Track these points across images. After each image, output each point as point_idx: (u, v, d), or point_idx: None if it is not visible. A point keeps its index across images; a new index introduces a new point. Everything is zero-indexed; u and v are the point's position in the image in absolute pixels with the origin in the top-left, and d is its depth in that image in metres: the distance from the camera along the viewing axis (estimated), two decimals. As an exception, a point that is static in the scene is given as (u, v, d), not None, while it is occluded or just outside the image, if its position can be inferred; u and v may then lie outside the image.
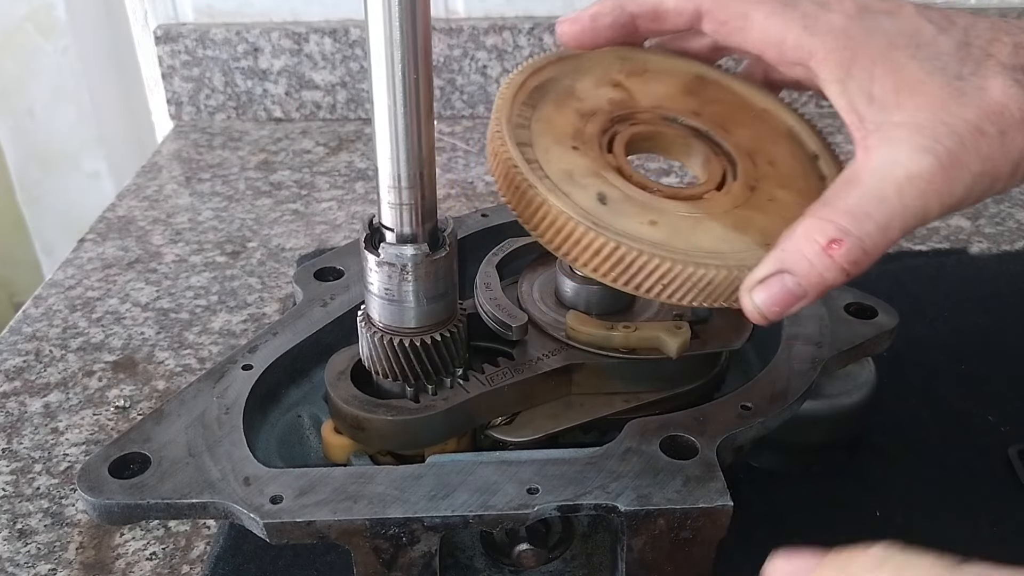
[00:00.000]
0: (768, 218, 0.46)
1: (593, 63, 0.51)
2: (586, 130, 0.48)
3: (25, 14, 1.12)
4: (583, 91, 0.50)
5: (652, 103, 0.50)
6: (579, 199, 0.44)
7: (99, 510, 0.44)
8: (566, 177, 0.45)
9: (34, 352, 0.74)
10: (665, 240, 0.44)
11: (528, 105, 0.48)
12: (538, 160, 0.46)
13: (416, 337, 0.48)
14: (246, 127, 1.15)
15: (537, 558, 0.48)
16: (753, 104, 0.52)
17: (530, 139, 0.47)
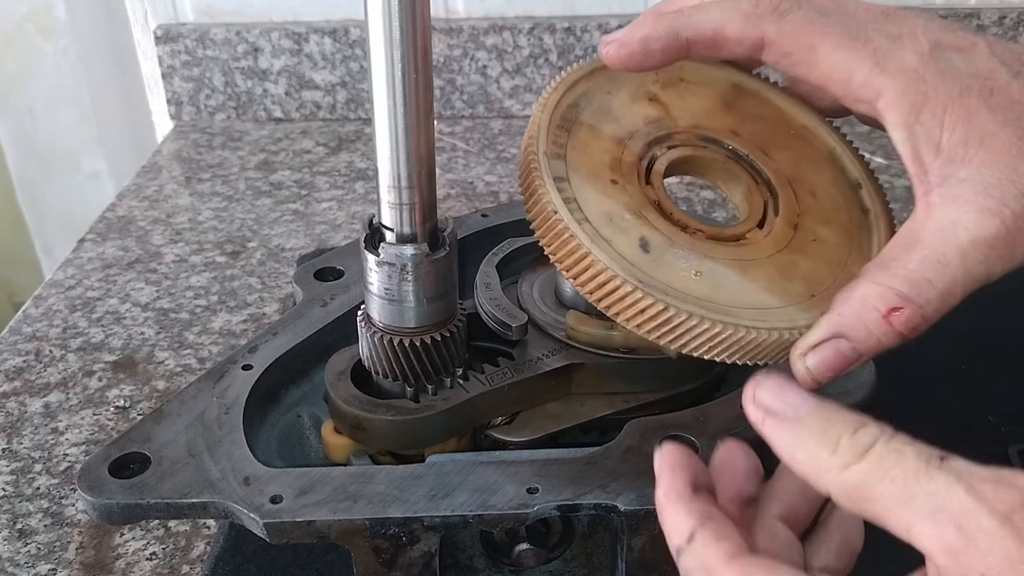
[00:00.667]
0: (812, 263, 0.44)
1: (629, 73, 0.48)
2: (624, 158, 0.46)
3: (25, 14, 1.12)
4: (619, 108, 0.47)
5: (690, 121, 0.48)
6: (621, 246, 0.42)
7: (99, 510, 0.44)
8: (606, 220, 0.43)
9: (34, 352, 0.74)
10: (710, 295, 0.42)
11: (563, 129, 0.46)
12: (576, 199, 0.43)
13: (416, 337, 0.48)
14: (246, 127, 1.15)
15: (537, 558, 0.48)
16: (793, 120, 0.49)
17: (566, 171, 0.44)
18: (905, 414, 0.64)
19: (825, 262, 0.44)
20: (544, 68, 1.12)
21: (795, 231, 0.46)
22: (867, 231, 0.47)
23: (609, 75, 0.48)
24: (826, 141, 0.49)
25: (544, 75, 1.12)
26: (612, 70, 0.46)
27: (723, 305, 0.42)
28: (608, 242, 0.42)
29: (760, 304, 0.42)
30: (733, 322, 0.41)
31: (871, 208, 0.47)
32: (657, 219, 0.44)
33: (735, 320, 0.41)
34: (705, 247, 0.44)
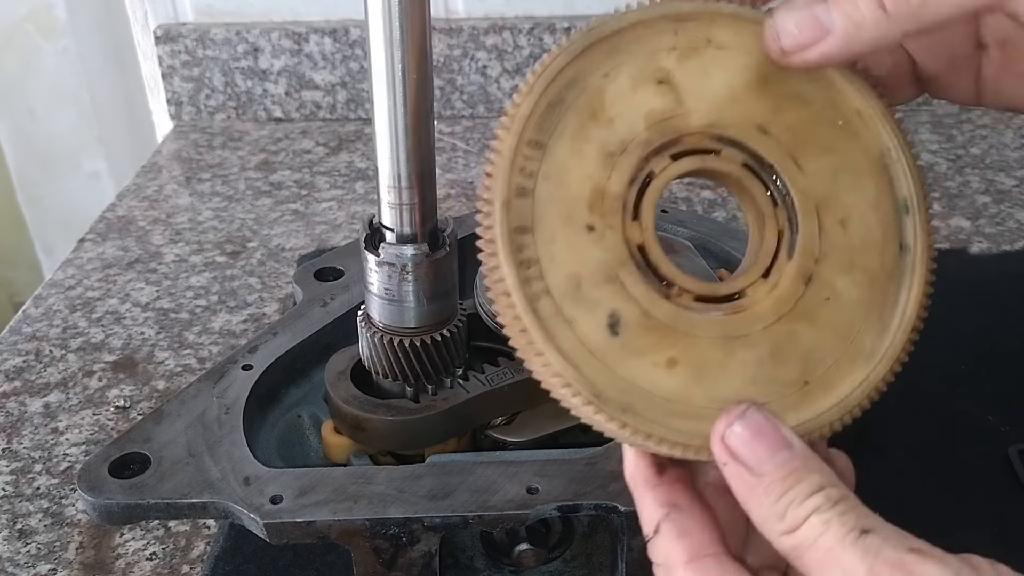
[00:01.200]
0: (817, 333, 0.37)
1: (637, 36, 0.38)
2: (609, 187, 0.37)
3: (25, 14, 1.12)
4: (615, 101, 0.38)
5: (707, 111, 0.38)
6: (585, 329, 0.36)
7: (99, 510, 0.44)
8: (573, 288, 0.36)
9: (34, 352, 0.74)
10: (681, 393, 0.36)
11: (536, 145, 0.37)
12: (539, 258, 0.36)
13: (416, 337, 0.48)
14: (246, 127, 1.15)
15: (537, 558, 0.48)
16: (845, 104, 0.39)
17: (532, 217, 0.36)
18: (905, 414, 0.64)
19: (833, 330, 0.37)
20: (544, 68, 1.12)
21: (807, 286, 0.38)
22: (898, 281, 0.38)
23: (610, 48, 0.38)
24: (880, 137, 0.39)
25: (544, 75, 1.12)
26: (615, 36, 0.38)
27: (697, 407, 0.36)
28: (570, 325, 0.36)
29: (740, 399, 0.36)
30: (698, 444, 0.35)
31: (912, 246, 0.38)
32: (635, 281, 0.37)
33: (701, 440, 0.35)
34: (688, 320, 0.37)
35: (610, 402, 0.35)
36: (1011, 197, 0.94)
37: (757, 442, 0.34)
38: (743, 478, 0.34)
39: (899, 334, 0.38)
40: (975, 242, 0.86)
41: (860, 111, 0.39)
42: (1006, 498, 0.58)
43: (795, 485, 0.33)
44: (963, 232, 0.88)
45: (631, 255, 0.37)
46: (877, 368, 0.37)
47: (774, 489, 0.33)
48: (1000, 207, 0.92)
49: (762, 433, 0.34)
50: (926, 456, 0.61)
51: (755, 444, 0.34)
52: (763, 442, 0.34)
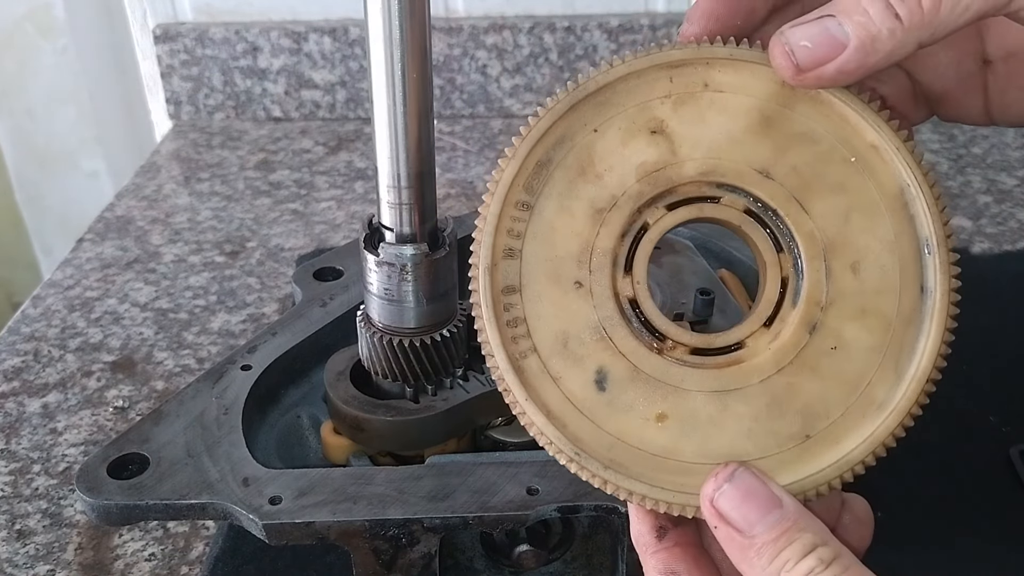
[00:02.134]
0: (820, 385, 0.35)
1: (628, 89, 0.37)
2: (597, 243, 0.36)
3: (24, 14, 1.12)
4: (605, 156, 0.37)
5: (701, 161, 0.37)
6: (572, 384, 0.36)
7: (98, 511, 0.44)
8: (560, 345, 0.36)
9: (33, 352, 0.74)
10: (671, 450, 0.35)
11: (524, 206, 0.36)
12: (526, 317, 0.36)
13: (416, 337, 0.48)
14: (245, 126, 1.14)
15: (537, 559, 0.48)
16: (858, 138, 0.37)
17: (519, 278, 0.36)
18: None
19: (839, 381, 0.36)
20: (544, 67, 1.12)
21: (811, 335, 0.36)
22: (916, 326, 0.36)
23: (600, 102, 0.37)
24: (898, 172, 0.36)
25: (544, 74, 1.12)
26: (607, 89, 0.37)
27: (687, 464, 0.35)
28: (556, 381, 0.36)
29: (733, 454, 0.35)
30: (682, 502, 0.35)
31: (933, 288, 0.36)
32: (624, 336, 0.36)
33: (686, 497, 0.35)
34: (680, 374, 0.36)
35: (592, 460, 0.35)
36: (1012, 197, 0.94)
37: (747, 504, 0.33)
38: (735, 540, 0.33)
39: (914, 384, 0.36)
40: (976, 242, 0.86)
41: (875, 145, 0.36)
42: (1007, 498, 0.58)
43: (787, 546, 0.32)
44: (964, 232, 0.88)
45: (621, 310, 0.36)
46: (887, 421, 0.36)
47: (766, 551, 0.32)
48: (1001, 207, 0.92)
49: (752, 494, 0.34)
50: (926, 456, 0.61)
51: (745, 506, 0.33)
52: (753, 504, 0.33)
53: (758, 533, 0.33)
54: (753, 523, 0.33)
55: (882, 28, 0.34)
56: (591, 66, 0.38)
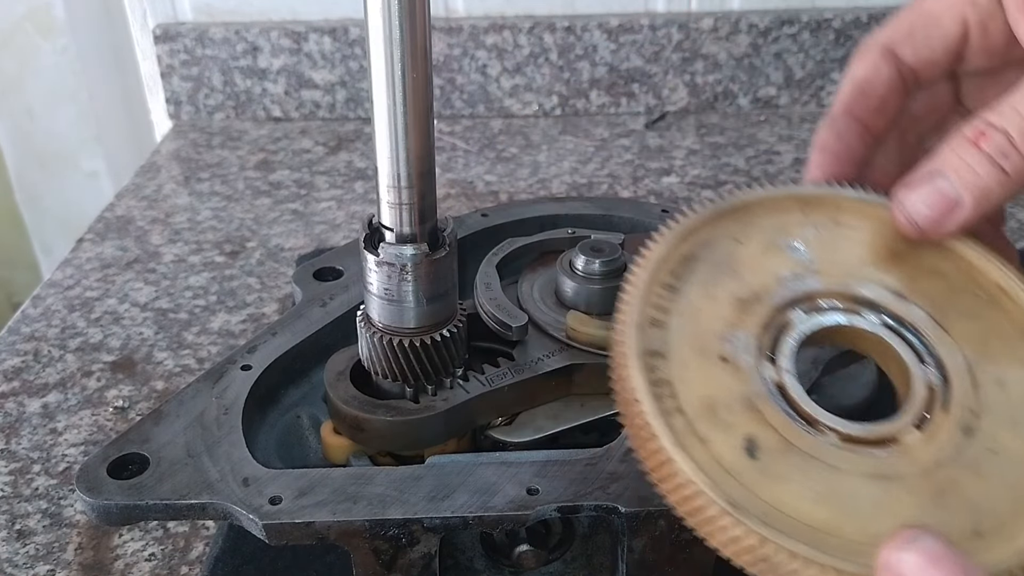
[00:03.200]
0: (984, 485, 0.34)
1: (766, 211, 0.40)
2: (742, 327, 0.37)
3: (24, 14, 1.12)
4: (746, 260, 0.39)
5: (838, 277, 0.39)
6: (720, 449, 0.34)
7: (98, 511, 0.44)
8: (707, 411, 0.35)
9: (32, 352, 0.74)
10: (832, 524, 0.33)
11: (670, 288, 0.38)
12: (671, 381, 0.35)
13: (416, 337, 0.48)
14: (245, 126, 1.14)
15: (537, 559, 0.48)
16: (984, 278, 0.39)
17: (665, 345, 0.36)
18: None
19: (1004, 484, 0.34)
20: (544, 67, 1.12)
21: (968, 438, 0.35)
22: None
23: (740, 218, 0.40)
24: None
25: (544, 74, 1.12)
26: (744, 210, 0.39)
27: (849, 540, 0.32)
28: (703, 442, 0.34)
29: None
30: (853, 570, 0.31)
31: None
32: (775, 412, 0.35)
33: (856, 565, 0.32)
34: (835, 456, 0.35)
35: (751, 510, 0.32)
36: (1012, 197, 0.93)
37: (935, 570, 0.30)
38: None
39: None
40: (976, 242, 0.86)
41: (1001, 285, 0.39)
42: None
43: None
44: (964, 232, 0.88)
45: (768, 391, 0.36)
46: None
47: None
48: (1001, 207, 0.92)
49: (939, 561, 0.30)
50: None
51: (931, 573, 0.30)
52: (942, 571, 0.30)
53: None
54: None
55: (991, 183, 0.37)
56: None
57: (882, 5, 1.11)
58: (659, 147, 1.07)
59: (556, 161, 1.04)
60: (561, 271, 0.55)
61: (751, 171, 1.01)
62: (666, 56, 1.11)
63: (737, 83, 1.14)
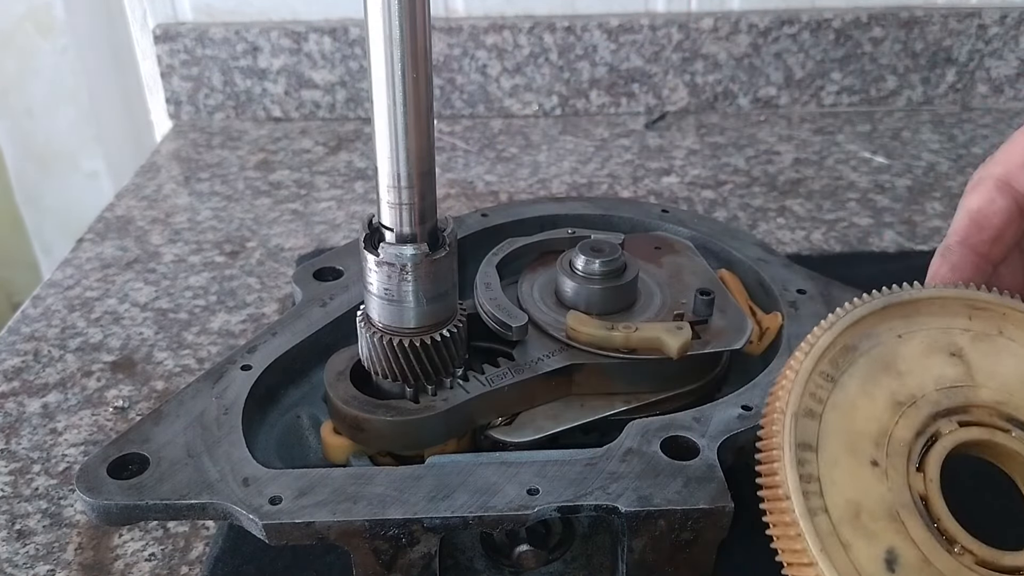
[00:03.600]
0: None
1: (933, 310, 0.40)
2: (895, 431, 0.37)
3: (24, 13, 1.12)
4: (907, 359, 0.39)
5: (996, 391, 0.39)
6: (860, 557, 0.34)
7: (98, 511, 0.44)
8: (852, 515, 0.35)
9: (32, 352, 0.74)
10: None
11: (828, 379, 0.38)
12: (820, 478, 0.35)
13: (416, 337, 0.48)
14: (245, 126, 1.14)
15: (537, 559, 0.48)
16: None
17: (817, 438, 0.36)
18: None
19: None
20: (544, 67, 1.12)
21: None
22: None
23: (905, 314, 0.40)
24: None
25: (544, 74, 1.12)
26: (911, 305, 0.39)
27: None
28: (845, 548, 0.34)
29: None
30: None
31: None
32: (917, 525, 0.36)
33: None
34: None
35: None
36: (1012, 197, 0.94)
37: None
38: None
39: None
40: (976, 242, 0.86)
41: None
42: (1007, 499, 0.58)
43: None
44: (964, 232, 0.88)
45: (913, 501, 0.36)
46: None
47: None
48: (1001, 207, 0.92)
49: None
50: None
51: None
52: None
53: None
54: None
55: None
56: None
57: (882, 5, 1.11)
58: (659, 147, 1.07)
59: (556, 161, 1.04)
60: (561, 271, 0.55)
61: (751, 171, 1.01)
62: (666, 56, 1.11)
63: (737, 83, 1.14)
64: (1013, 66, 1.13)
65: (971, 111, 1.14)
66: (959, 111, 1.13)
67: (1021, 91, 1.14)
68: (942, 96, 1.14)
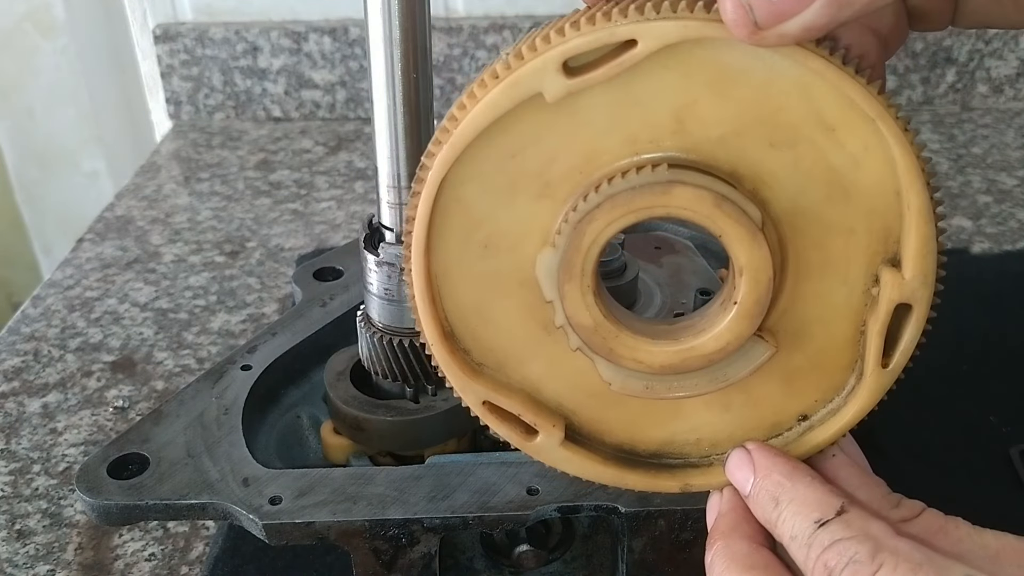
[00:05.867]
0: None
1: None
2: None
3: (24, 13, 1.12)
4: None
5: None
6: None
7: (98, 511, 0.44)
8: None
9: (32, 352, 0.74)
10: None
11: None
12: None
13: (416, 337, 0.48)
14: (245, 126, 1.14)
15: (537, 559, 0.48)
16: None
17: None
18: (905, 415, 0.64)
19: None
20: (544, 67, 1.12)
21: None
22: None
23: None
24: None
25: (544, 74, 1.12)
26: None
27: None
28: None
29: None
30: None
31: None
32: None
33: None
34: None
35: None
36: (1012, 197, 0.94)
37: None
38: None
39: None
40: (976, 242, 0.86)
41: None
42: (1007, 499, 0.58)
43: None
44: (964, 232, 0.88)
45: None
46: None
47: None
48: (1002, 207, 0.92)
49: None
50: (927, 456, 0.61)
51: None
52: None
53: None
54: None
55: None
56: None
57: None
58: (659, 147, 1.07)
59: (556, 161, 1.04)
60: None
61: (751, 171, 1.01)
62: (666, 56, 1.11)
63: (737, 83, 1.13)
64: (1013, 66, 1.13)
65: (971, 111, 1.13)
66: (959, 111, 1.13)
67: (1021, 91, 1.14)
68: (942, 96, 1.14)
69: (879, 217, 0.34)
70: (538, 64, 0.31)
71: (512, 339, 0.37)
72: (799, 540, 0.33)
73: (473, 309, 0.37)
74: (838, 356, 0.37)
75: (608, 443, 0.39)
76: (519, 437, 0.38)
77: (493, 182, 0.35)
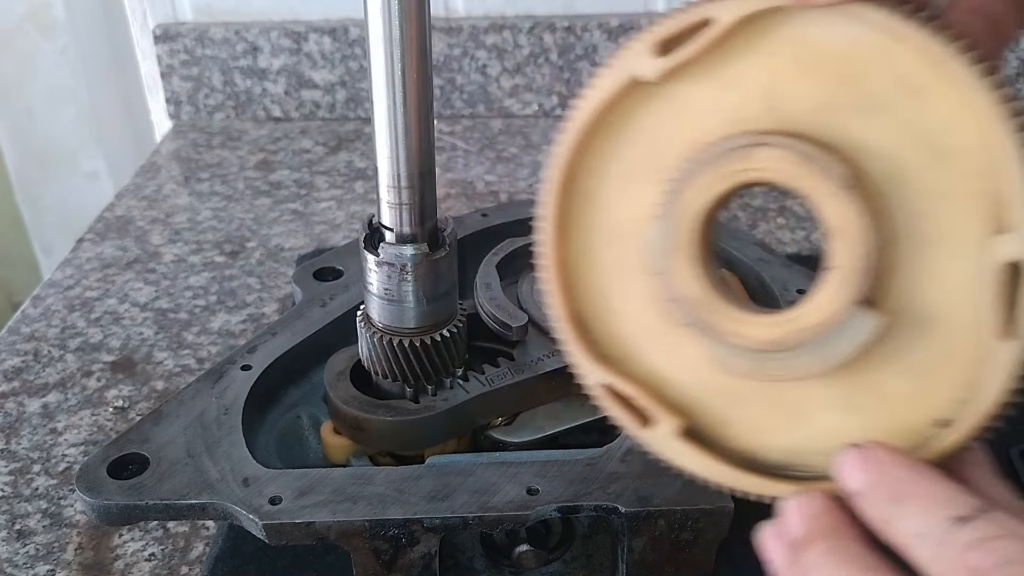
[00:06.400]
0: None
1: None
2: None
3: (24, 13, 1.12)
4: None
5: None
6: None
7: (98, 511, 0.44)
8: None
9: (32, 352, 0.74)
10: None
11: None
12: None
13: (416, 337, 0.48)
14: (245, 126, 1.14)
15: (537, 559, 0.48)
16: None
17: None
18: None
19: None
20: (544, 67, 1.12)
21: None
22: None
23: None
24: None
25: (544, 74, 1.12)
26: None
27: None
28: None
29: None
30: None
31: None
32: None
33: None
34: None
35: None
36: (1011, 197, 0.94)
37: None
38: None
39: None
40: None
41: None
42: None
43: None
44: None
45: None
46: None
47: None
48: (1000, 207, 0.92)
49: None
50: (927, 456, 0.61)
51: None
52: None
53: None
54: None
55: None
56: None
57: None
58: (659, 147, 1.07)
59: (556, 161, 1.04)
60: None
61: (751, 171, 1.01)
62: (666, 56, 1.11)
63: (737, 83, 1.13)
64: (1013, 66, 1.13)
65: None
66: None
67: (1021, 91, 1.14)
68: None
69: (985, 180, 0.32)
70: (633, 47, 0.35)
71: (636, 328, 0.38)
72: (929, 538, 0.30)
73: (602, 298, 0.38)
74: (968, 346, 0.33)
75: (730, 448, 0.38)
76: (635, 425, 0.38)
77: (612, 170, 0.37)
